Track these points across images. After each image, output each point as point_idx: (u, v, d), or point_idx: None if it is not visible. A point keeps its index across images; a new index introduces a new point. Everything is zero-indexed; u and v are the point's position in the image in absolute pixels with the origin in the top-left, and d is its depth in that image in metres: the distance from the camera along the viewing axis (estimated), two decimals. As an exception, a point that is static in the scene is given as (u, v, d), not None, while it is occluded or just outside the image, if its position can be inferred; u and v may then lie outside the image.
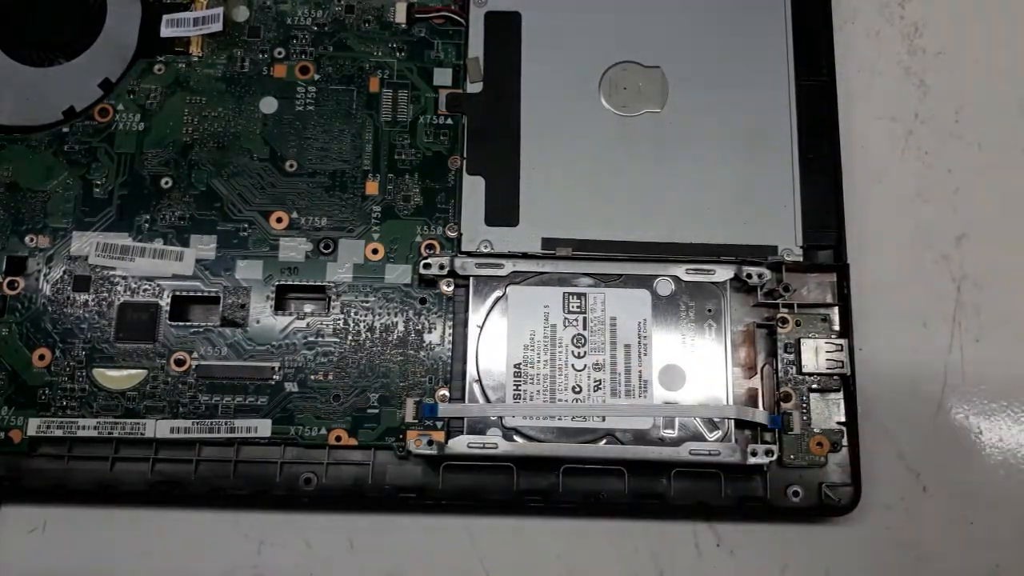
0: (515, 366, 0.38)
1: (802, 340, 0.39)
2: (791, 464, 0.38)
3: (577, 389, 0.38)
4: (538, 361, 0.38)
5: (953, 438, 0.41)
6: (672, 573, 0.39)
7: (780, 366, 0.39)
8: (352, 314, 0.40)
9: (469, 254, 0.40)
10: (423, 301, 0.40)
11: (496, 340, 0.39)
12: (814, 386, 0.39)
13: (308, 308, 0.40)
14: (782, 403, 0.39)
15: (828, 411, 0.39)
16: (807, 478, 0.39)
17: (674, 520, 0.39)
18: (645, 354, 0.38)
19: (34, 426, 0.38)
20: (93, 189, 0.41)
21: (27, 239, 0.40)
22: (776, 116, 0.42)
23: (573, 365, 0.38)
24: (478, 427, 0.38)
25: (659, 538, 0.39)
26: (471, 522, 0.39)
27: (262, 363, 0.39)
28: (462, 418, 0.38)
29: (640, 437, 0.38)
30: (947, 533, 0.40)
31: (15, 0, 0.42)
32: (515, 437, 0.38)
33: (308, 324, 0.39)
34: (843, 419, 0.39)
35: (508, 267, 0.39)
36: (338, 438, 0.38)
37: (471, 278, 0.39)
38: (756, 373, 0.39)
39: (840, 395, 0.39)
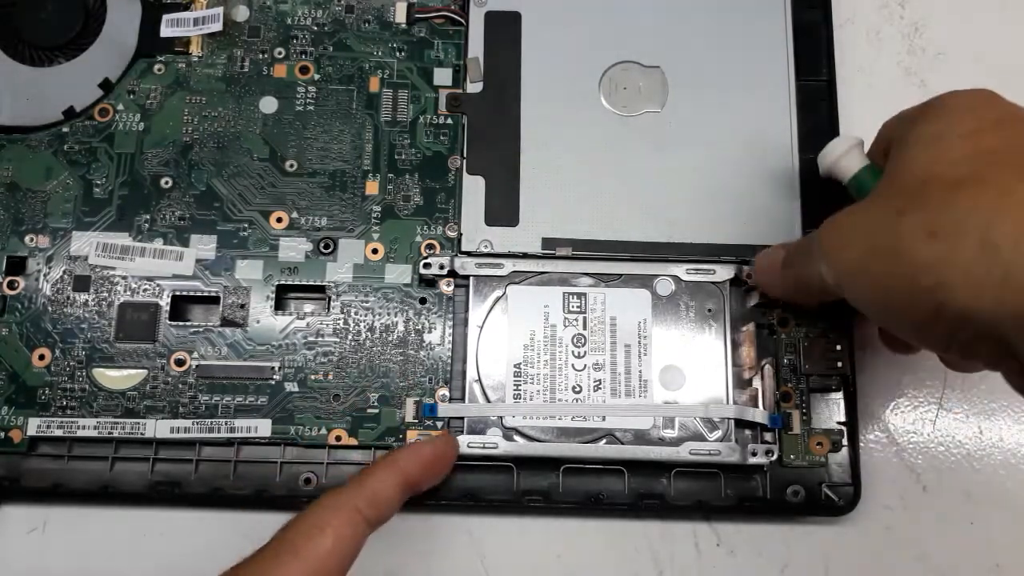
0: (515, 366, 0.38)
1: (802, 340, 0.39)
2: (791, 464, 0.38)
3: (577, 389, 0.38)
4: (538, 361, 0.38)
5: (953, 438, 0.41)
6: (672, 573, 0.39)
7: (780, 366, 0.39)
8: (352, 314, 0.40)
9: (469, 254, 0.40)
10: (423, 301, 0.40)
11: (496, 340, 0.39)
12: (814, 386, 0.39)
13: (308, 308, 0.40)
14: (782, 403, 0.39)
15: (828, 411, 0.39)
16: (807, 478, 0.38)
17: (674, 520, 0.39)
18: (645, 354, 0.38)
19: (34, 426, 0.38)
20: (93, 189, 0.41)
21: (27, 239, 0.40)
22: (776, 116, 0.42)
23: (573, 365, 0.38)
24: (478, 427, 0.38)
25: (659, 538, 0.39)
26: (471, 522, 0.39)
27: (262, 363, 0.39)
28: (462, 418, 0.38)
29: (640, 437, 0.38)
30: (947, 533, 0.40)
31: (15, 0, 0.42)
32: (515, 437, 0.38)
33: (308, 324, 0.39)
34: (843, 419, 0.39)
35: (508, 267, 0.39)
36: (338, 438, 0.38)
37: (471, 278, 0.39)
38: (756, 373, 0.39)
39: (840, 395, 0.39)
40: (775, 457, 0.37)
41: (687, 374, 0.38)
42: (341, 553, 0.30)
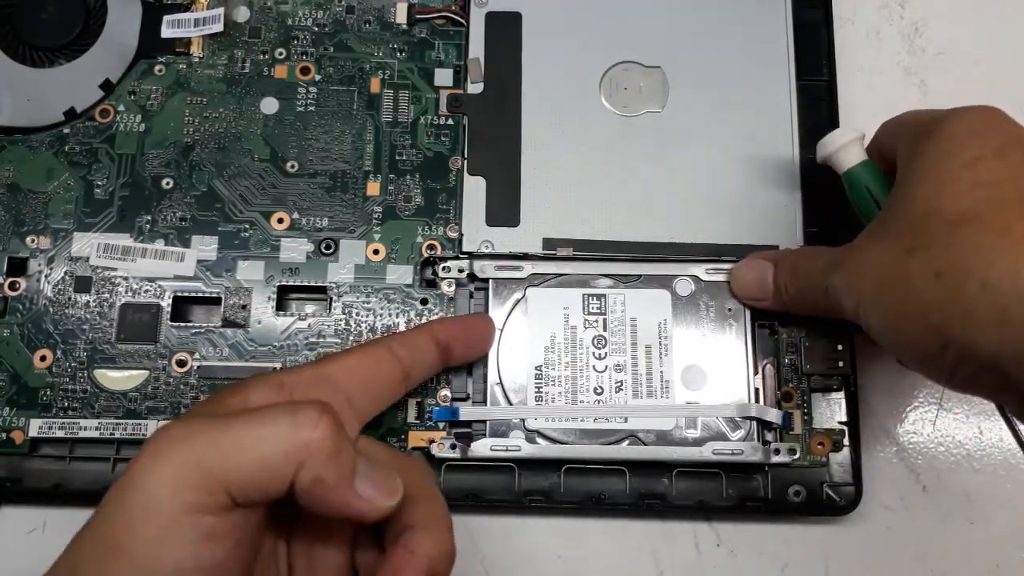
0: (536, 368, 0.38)
1: (803, 340, 0.39)
2: (792, 464, 0.38)
3: (599, 390, 0.38)
4: (559, 363, 0.38)
5: (953, 438, 0.41)
6: (672, 573, 0.39)
7: (781, 366, 0.39)
8: (353, 315, 0.40)
9: (471, 255, 0.40)
10: (424, 302, 0.40)
11: (516, 343, 0.38)
12: (815, 386, 0.39)
13: (309, 309, 0.40)
14: (783, 403, 0.39)
15: (829, 411, 0.39)
16: (808, 478, 0.39)
17: (674, 520, 0.39)
18: (666, 354, 0.38)
19: (35, 427, 0.38)
20: (94, 190, 0.41)
21: (28, 240, 0.40)
22: (776, 116, 0.42)
23: (594, 367, 0.38)
24: (500, 430, 0.38)
25: (659, 537, 0.39)
26: (472, 522, 0.39)
27: (264, 364, 0.39)
28: (484, 421, 0.38)
29: (663, 437, 0.37)
30: (947, 533, 0.40)
31: (15, 0, 0.42)
32: (537, 439, 0.37)
33: (309, 325, 0.39)
34: (844, 419, 0.39)
35: (527, 269, 0.39)
36: (340, 438, 0.38)
37: (490, 281, 0.39)
38: (758, 373, 0.39)
39: (841, 395, 0.39)
40: (796, 455, 0.37)
41: (708, 374, 0.38)
42: (365, 369, 0.32)
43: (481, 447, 0.37)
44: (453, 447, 0.37)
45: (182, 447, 0.25)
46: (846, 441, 0.38)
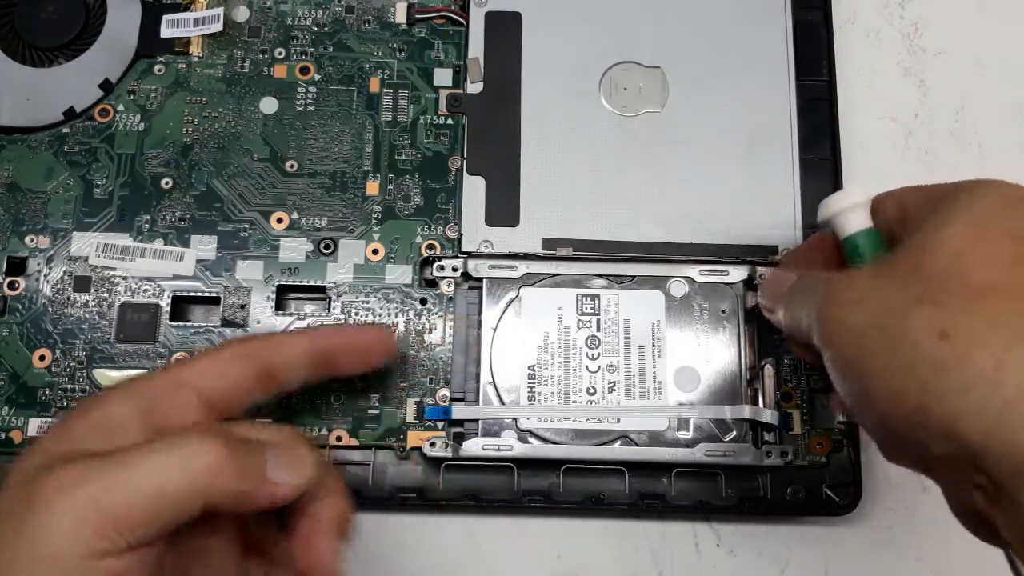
0: (529, 368, 0.38)
1: (802, 340, 0.39)
2: (785, 467, 0.38)
3: (591, 391, 0.38)
4: (552, 363, 0.38)
5: (953, 438, 0.41)
6: (672, 573, 0.39)
7: (781, 366, 0.39)
8: (353, 314, 0.40)
9: (470, 255, 0.40)
10: (423, 301, 0.40)
11: (510, 342, 0.38)
12: (815, 386, 0.39)
13: (308, 308, 0.40)
14: (783, 403, 0.39)
15: (829, 411, 0.39)
16: (808, 478, 0.39)
17: (674, 520, 0.39)
18: (659, 355, 0.38)
19: (34, 427, 0.38)
20: (93, 190, 0.41)
21: (27, 240, 0.40)
22: (776, 116, 0.42)
23: (587, 367, 0.38)
24: (493, 429, 0.38)
25: (659, 538, 0.39)
26: (471, 522, 0.39)
27: (263, 363, 0.39)
28: (477, 420, 0.38)
29: (655, 438, 0.38)
30: (947, 533, 0.40)
31: (15, 0, 0.42)
32: (530, 439, 0.37)
33: (309, 324, 0.39)
34: (844, 419, 0.39)
35: (521, 269, 0.39)
36: (339, 438, 0.38)
37: (484, 280, 0.39)
38: (756, 377, 0.39)
39: (841, 395, 0.39)
40: (790, 458, 0.37)
41: (701, 375, 0.38)
42: (216, 370, 0.31)
43: (473, 446, 0.37)
44: (446, 446, 0.37)
45: (78, 493, 0.25)
46: (845, 441, 0.38)
